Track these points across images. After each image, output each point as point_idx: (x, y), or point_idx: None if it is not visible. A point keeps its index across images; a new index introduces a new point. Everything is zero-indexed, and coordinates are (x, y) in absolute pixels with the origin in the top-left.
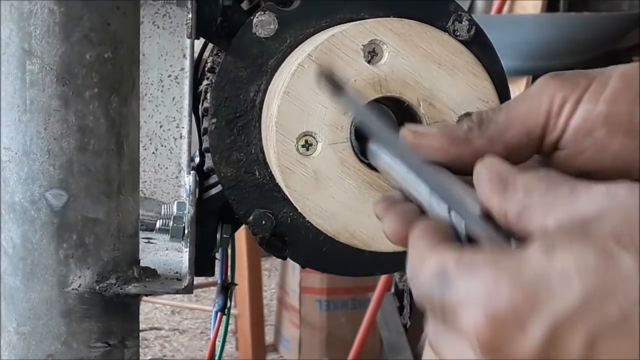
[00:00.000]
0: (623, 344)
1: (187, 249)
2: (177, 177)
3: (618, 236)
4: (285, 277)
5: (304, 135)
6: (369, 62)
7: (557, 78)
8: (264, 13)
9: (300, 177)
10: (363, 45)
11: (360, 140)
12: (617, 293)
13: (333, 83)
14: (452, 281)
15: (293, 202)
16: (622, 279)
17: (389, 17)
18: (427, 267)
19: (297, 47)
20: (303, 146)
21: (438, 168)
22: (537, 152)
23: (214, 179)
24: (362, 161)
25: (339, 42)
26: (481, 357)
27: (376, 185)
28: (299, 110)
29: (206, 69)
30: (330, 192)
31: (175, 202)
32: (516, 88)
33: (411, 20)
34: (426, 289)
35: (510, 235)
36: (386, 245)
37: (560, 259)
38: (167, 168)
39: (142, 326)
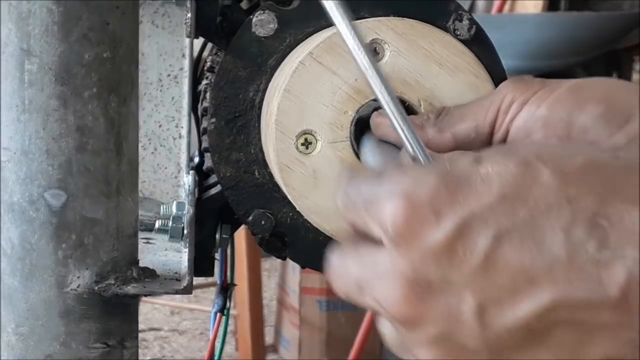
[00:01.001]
0: (526, 246)
1: (186, 249)
2: (176, 177)
3: (540, 154)
4: (285, 278)
5: (304, 134)
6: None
7: (515, 81)
8: (264, 12)
9: (299, 175)
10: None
11: (360, 140)
12: (530, 198)
13: None
14: (383, 178)
15: (292, 200)
16: (537, 186)
17: (389, 16)
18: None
19: (296, 46)
20: (302, 144)
21: (391, 146)
22: (487, 146)
23: (213, 179)
24: (360, 160)
25: (341, 41)
26: (394, 247)
27: None
28: (299, 109)
29: (205, 68)
30: (329, 191)
31: (175, 202)
32: None
33: (413, 20)
34: (353, 202)
35: None
36: None
37: (485, 166)
38: (166, 168)
39: (141, 327)
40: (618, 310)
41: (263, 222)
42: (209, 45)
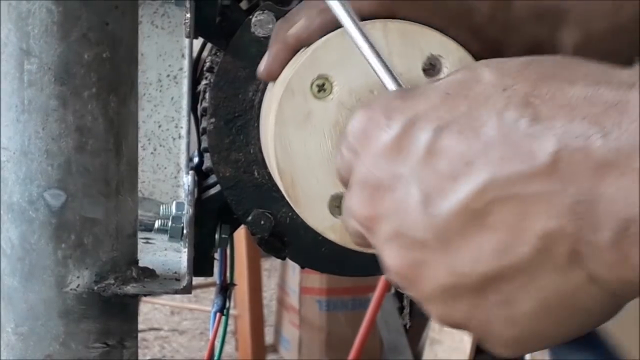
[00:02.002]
0: (463, 135)
1: (186, 249)
2: (175, 177)
3: (486, 63)
4: (285, 278)
5: (325, 79)
6: (424, 70)
7: None
8: (263, 12)
9: (295, 105)
10: (431, 54)
11: None
12: (470, 94)
13: None
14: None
15: (272, 121)
16: (478, 84)
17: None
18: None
19: None
20: (318, 86)
21: None
22: None
23: (212, 179)
24: None
25: (416, 35)
26: (353, 156)
27: None
28: (341, 57)
29: (205, 68)
30: (307, 138)
31: (174, 202)
32: None
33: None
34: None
35: None
36: (310, 216)
37: (440, 81)
38: (165, 168)
39: (141, 327)
40: (550, 178)
41: (262, 222)
42: (209, 45)
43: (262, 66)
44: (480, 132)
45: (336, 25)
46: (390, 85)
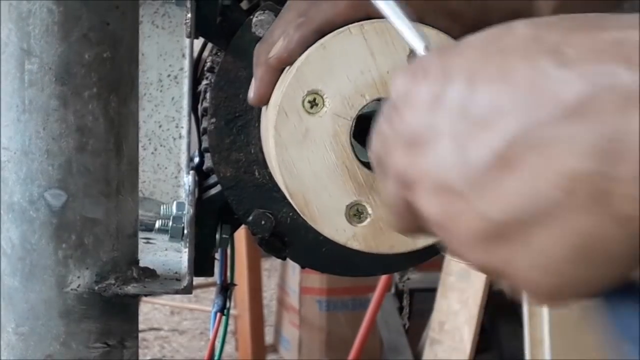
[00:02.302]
0: (494, 84)
1: (187, 249)
2: (176, 177)
3: (520, 20)
4: (285, 278)
5: (316, 93)
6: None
7: None
8: (263, 12)
9: (291, 126)
10: None
11: (361, 130)
12: (502, 46)
13: None
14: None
15: (272, 146)
16: (511, 36)
17: None
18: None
19: None
20: (309, 102)
21: None
22: None
23: (213, 179)
24: (352, 146)
25: (395, 32)
26: (395, 114)
27: (353, 174)
28: (325, 69)
29: (205, 68)
30: (310, 155)
31: (175, 202)
32: None
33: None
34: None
35: None
36: (330, 230)
37: (474, 36)
38: (166, 168)
39: (141, 327)
40: (575, 119)
41: (263, 222)
42: (209, 45)
43: (251, 92)
44: (511, 81)
45: (314, 37)
46: (420, 50)
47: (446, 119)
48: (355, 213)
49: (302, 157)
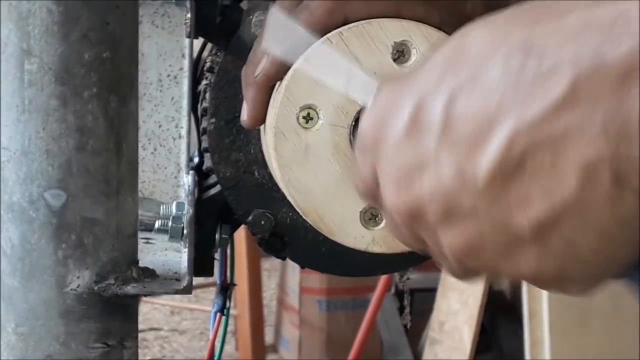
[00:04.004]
0: (474, 95)
1: (186, 249)
2: (176, 177)
3: (474, 25)
4: (285, 278)
5: (308, 108)
6: (394, 60)
7: None
8: (263, 12)
9: (291, 145)
10: (395, 42)
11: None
12: (468, 56)
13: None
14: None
15: (276, 167)
16: (473, 45)
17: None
18: None
19: None
20: (304, 117)
21: None
22: None
23: (213, 179)
24: (353, 152)
25: (373, 32)
26: (368, 152)
27: None
28: (313, 83)
29: (205, 68)
30: (315, 170)
31: (174, 202)
32: None
33: (445, 34)
34: None
35: None
36: (349, 239)
37: (434, 54)
38: (166, 168)
39: (141, 327)
40: (573, 108)
41: (263, 222)
42: (209, 45)
43: (245, 115)
44: (491, 87)
45: (298, 51)
46: (373, 89)
47: (434, 143)
48: (370, 217)
49: (308, 173)
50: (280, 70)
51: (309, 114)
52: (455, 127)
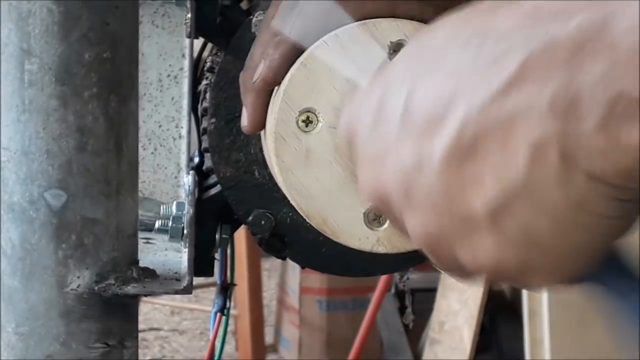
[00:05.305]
0: (433, 84)
1: (186, 250)
2: (176, 177)
3: (440, 20)
4: (285, 278)
5: (307, 111)
6: (391, 59)
7: None
8: (263, 12)
9: (291, 150)
10: (390, 42)
11: None
12: (430, 48)
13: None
14: None
15: (278, 172)
16: (435, 36)
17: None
18: None
19: None
20: (303, 121)
21: None
22: None
23: (213, 179)
24: None
25: (369, 32)
26: (347, 144)
27: None
28: (310, 86)
29: (205, 68)
30: (316, 174)
31: (174, 202)
32: None
33: None
34: None
35: None
36: (354, 241)
37: (402, 49)
38: (166, 168)
39: (141, 327)
40: (521, 87)
41: (263, 222)
42: (209, 45)
43: (245, 121)
44: (448, 73)
45: (294, 52)
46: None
47: (396, 130)
48: (374, 218)
49: (310, 177)
50: (278, 74)
51: (308, 117)
52: (414, 114)
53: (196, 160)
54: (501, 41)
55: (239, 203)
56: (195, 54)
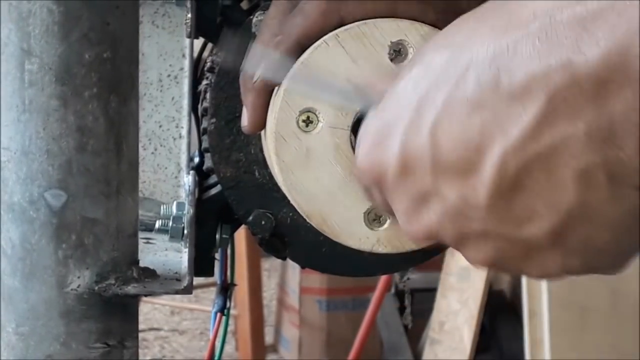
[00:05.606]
0: (454, 124)
1: (187, 250)
2: (176, 177)
3: (428, 46)
4: (285, 278)
5: (308, 111)
6: (391, 60)
7: None
8: (264, 13)
9: (292, 149)
10: (391, 42)
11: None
12: (438, 82)
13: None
14: None
15: (278, 172)
16: (438, 68)
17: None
18: None
19: None
20: (304, 121)
21: None
22: None
23: (213, 179)
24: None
25: (369, 33)
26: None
27: None
28: (309, 86)
29: (205, 68)
30: (317, 173)
31: (175, 202)
32: None
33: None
34: None
35: None
36: (354, 241)
37: (400, 80)
38: (166, 168)
39: (141, 327)
40: (555, 123)
41: (263, 222)
42: (209, 45)
43: (245, 121)
44: (469, 111)
45: (295, 52)
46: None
47: (424, 169)
48: (375, 218)
49: (310, 176)
50: (279, 77)
51: (308, 117)
52: (445, 157)
53: (196, 160)
54: (517, 74)
55: (239, 203)
56: (196, 54)
